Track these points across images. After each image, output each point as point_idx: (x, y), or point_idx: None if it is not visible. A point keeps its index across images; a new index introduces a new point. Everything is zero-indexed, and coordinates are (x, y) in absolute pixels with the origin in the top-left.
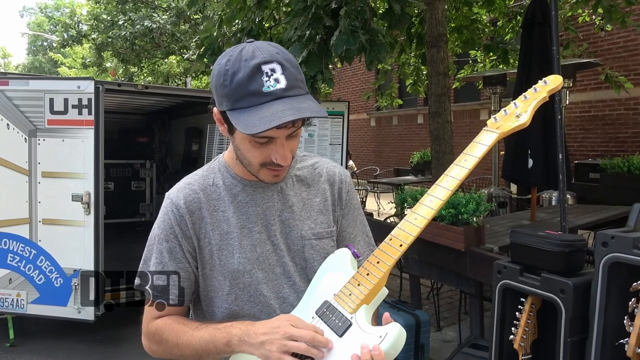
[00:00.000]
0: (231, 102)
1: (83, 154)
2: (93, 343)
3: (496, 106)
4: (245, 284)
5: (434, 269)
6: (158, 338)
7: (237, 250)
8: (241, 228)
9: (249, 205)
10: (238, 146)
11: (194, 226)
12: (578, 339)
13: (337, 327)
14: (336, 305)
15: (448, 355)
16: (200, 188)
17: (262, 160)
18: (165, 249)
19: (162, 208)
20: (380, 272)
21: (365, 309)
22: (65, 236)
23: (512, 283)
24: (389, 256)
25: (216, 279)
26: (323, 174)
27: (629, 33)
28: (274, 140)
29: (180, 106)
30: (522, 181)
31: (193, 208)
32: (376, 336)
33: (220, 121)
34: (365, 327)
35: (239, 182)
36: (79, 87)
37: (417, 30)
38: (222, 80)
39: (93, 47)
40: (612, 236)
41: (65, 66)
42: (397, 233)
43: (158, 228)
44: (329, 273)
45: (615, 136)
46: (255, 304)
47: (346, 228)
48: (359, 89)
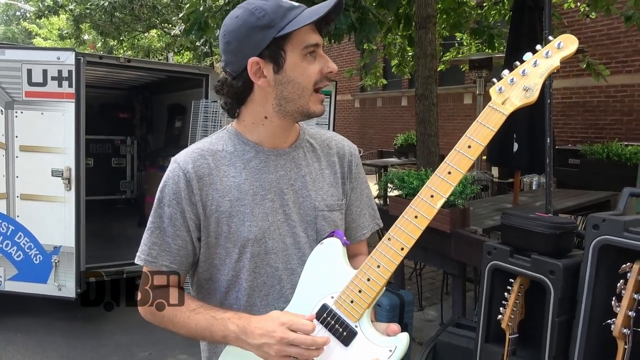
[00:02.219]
0: (275, 25)
1: (63, 128)
2: (74, 320)
3: (481, 90)
4: (254, 253)
5: (419, 250)
6: (153, 312)
7: (249, 218)
8: (254, 195)
9: (262, 172)
10: (290, 76)
11: (201, 192)
12: (565, 319)
13: (343, 336)
14: (338, 312)
15: (430, 334)
16: (209, 153)
17: (317, 76)
18: (165, 214)
19: (167, 172)
20: (382, 278)
21: (367, 314)
22: (44, 212)
23: (502, 264)
24: (390, 260)
25: (223, 247)
26: (333, 146)
27: (612, 21)
28: (318, 51)
29: (163, 82)
30: (507, 165)
31: (202, 173)
32: (386, 350)
33: (258, 71)
34: (372, 337)
35: (251, 148)
36: (59, 59)
37: (406, 10)
38: (257, 16)
39: (70, 18)
40: (604, 219)
41: (40, 37)
42: (398, 233)
43: (161, 192)
44: (322, 266)
45: (595, 123)
46: (262, 274)
47: (355, 202)
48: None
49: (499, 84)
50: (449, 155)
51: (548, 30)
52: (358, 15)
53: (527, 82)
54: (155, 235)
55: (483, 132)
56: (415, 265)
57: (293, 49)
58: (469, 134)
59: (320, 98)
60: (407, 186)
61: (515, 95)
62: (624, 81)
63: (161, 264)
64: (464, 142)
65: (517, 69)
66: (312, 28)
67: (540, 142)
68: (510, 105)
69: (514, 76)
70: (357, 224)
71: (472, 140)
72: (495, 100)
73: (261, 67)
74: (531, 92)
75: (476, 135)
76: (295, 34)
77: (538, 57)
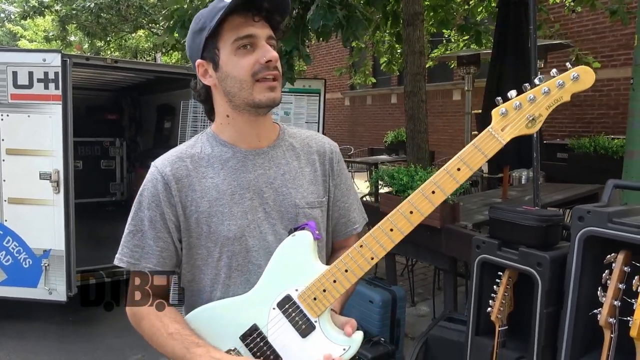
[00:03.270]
0: (206, 27)
1: (51, 130)
2: (66, 324)
3: (469, 86)
4: (235, 251)
5: (410, 246)
6: (136, 321)
7: (227, 217)
8: (232, 194)
9: (240, 172)
10: (227, 71)
11: (180, 194)
12: (553, 310)
13: (300, 328)
14: (300, 305)
15: (422, 329)
16: (187, 156)
17: (253, 68)
18: (146, 217)
19: (147, 176)
20: (347, 282)
21: (328, 311)
22: (33, 216)
23: (491, 257)
24: (358, 267)
25: (204, 247)
26: (312, 145)
27: (598, 16)
28: (256, 43)
29: (152, 82)
30: (495, 160)
31: (180, 175)
32: (340, 348)
33: (205, 73)
34: (329, 334)
35: (229, 149)
36: (45, 60)
37: (393, 7)
38: (196, 22)
39: (56, 19)
40: (588, 211)
41: (25, 39)
42: (371, 243)
43: (141, 195)
44: (290, 258)
45: (582, 117)
46: (244, 272)
47: (340, 197)
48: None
49: (504, 106)
50: (437, 173)
51: (533, 25)
52: (345, 12)
53: (533, 111)
54: (138, 238)
55: (476, 157)
56: (407, 261)
57: (224, 45)
58: (462, 156)
59: (267, 86)
60: (397, 183)
61: (517, 123)
62: (609, 75)
63: (144, 266)
64: (454, 164)
65: (525, 94)
66: (246, 21)
67: (528, 137)
68: (509, 134)
69: (520, 101)
70: (348, 219)
71: (463, 164)
72: (495, 126)
73: (205, 68)
74: (534, 124)
75: (469, 159)
76: (224, 30)
77: (550, 85)
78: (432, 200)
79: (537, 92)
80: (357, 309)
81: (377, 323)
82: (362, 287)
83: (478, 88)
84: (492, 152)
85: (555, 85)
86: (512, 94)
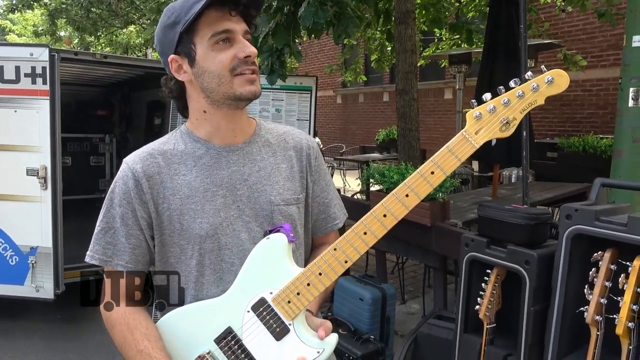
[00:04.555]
0: (180, 21)
1: (38, 126)
2: (53, 322)
3: (461, 85)
4: (208, 249)
5: (400, 244)
6: (109, 327)
7: (199, 215)
8: (204, 192)
9: (213, 168)
10: (204, 67)
11: (152, 190)
12: (540, 308)
13: (275, 331)
14: (274, 308)
15: (412, 326)
16: (159, 153)
17: (231, 63)
18: (118, 214)
19: (118, 173)
20: (321, 285)
21: (302, 314)
22: (20, 212)
23: (479, 255)
24: (332, 270)
25: (177, 245)
26: (289, 140)
27: (588, 16)
28: (233, 38)
29: (142, 78)
30: (486, 158)
31: (151, 172)
32: (314, 351)
33: (179, 68)
34: (304, 337)
35: (202, 145)
36: (32, 55)
37: (385, 5)
38: (167, 15)
39: (45, 13)
40: (576, 209)
41: (14, 34)
42: (344, 247)
43: (112, 192)
44: (264, 261)
45: (572, 116)
46: (217, 270)
47: (320, 193)
48: (325, 66)
49: (478, 109)
50: (411, 176)
51: (524, 24)
52: (336, 10)
53: (507, 114)
54: (110, 235)
55: (450, 161)
56: (397, 259)
57: (201, 40)
58: (436, 159)
59: (247, 79)
60: (388, 180)
61: (490, 126)
62: (599, 75)
63: (116, 264)
64: (428, 167)
65: (499, 97)
66: (222, 15)
67: (517, 136)
68: (483, 138)
69: (495, 104)
70: (328, 215)
71: (437, 167)
72: (469, 129)
73: (180, 64)
74: (507, 127)
75: (442, 163)
76: (200, 25)
77: (524, 89)
78: (405, 204)
79: (511, 96)
80: (347, 307)
81: (367, 320)
82: (353, 284)
83: (469, 87)
84: (465, 155)
85: (529, 89)
86: (487, 97)
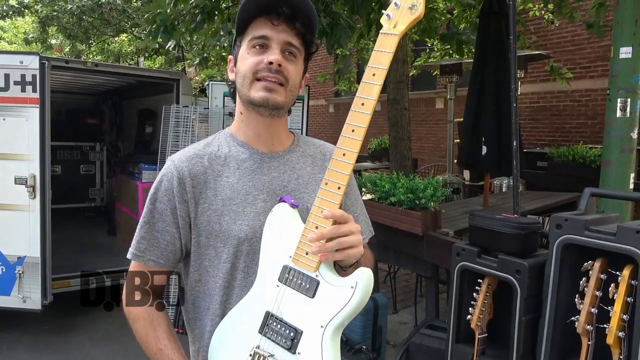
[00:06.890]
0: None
1: (27, 134)
2: (40, 334)
3: (452, 94)
4: (244, 252)
5: (392, 253)
6: (132, 320)
7: (240, 217)
8: (246, 194)
9: (255, 173)
10: (239, 67)
11: (194, 190)
12: (531, 317)
13: (306, 289)
14: (297, 268)
15: (404, 336)
16: (204, 153)
17: (256, 66)
18: (157, 209)
19: (162, 169)
20: (327, 222)
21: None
22: (7, 221)
23: (470, 265)
24: (331, 202)
25: (213, 247)
26: (326, 153)
27: (576, 28)
28: (269, 45)
29: (133, 86)
30: (476, 168)
31: (196, 172)
32: (348, 287)
33: (232, 68)
34: (333, 281)
35: (246, 150)
36: (22, 62)
37: (376, 16)
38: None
39: (37, 20)
40: (566, 219)
41: (4, 41)
42: (332, 176)
43: (154, 188)
44: (275, 232)
45: (562, 126)
46: (251, 274)
47: (350, 207)
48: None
49: (386, 11)
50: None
51: (513, 36)
52: (329, 20)
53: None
54: (145, 229)
55: (382, 58)
56: (389, 268)
57: (244, 43)
58: (371, 63)
59: (265, 85)
60: (380, 190)
61: (402, 16)
62: (587, 86)
63: (148, 259)
64: (368, 72)
65: None
66: (266, 23)
67: (508, 146)
68: (400, 27)
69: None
70: None
71: (375, 68)
72: (386, 27)
73: (232, 63)
74: (416, 8)
75: (377, 62)
76: (248, 29)
77: None
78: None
79: None
80: None
81: (359, 330)
82: None
83: (460, 96)
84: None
85: None
86: None
